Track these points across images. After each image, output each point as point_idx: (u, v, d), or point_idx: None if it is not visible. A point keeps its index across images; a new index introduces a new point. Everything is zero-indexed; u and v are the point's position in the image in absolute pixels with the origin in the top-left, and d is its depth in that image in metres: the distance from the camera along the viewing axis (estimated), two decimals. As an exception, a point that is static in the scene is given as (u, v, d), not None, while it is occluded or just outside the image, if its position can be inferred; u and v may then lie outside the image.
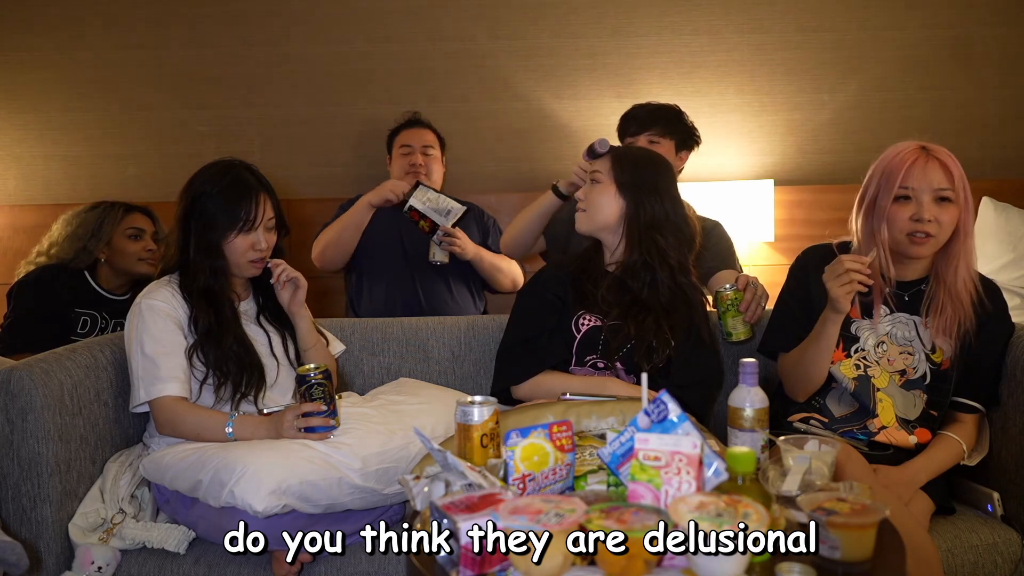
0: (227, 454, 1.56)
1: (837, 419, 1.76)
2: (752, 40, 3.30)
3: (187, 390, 1.71)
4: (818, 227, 3.16)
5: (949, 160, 1.64)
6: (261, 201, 1.77)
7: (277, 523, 1.54)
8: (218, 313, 1.75)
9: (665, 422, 1.13)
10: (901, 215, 1.64)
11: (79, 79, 3.23)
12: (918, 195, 1.63)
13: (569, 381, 1.81)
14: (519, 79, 3.29)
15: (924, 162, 1.63)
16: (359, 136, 3.25)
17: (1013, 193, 3.30)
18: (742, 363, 1.29)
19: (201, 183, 1.77)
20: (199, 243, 1.76)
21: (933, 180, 1.62)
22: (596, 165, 1.88)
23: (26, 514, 1.61)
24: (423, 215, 2.46)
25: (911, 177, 1.63)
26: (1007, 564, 1.66)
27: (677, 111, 2.39)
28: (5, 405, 1.60)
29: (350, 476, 1.58)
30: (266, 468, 1.51)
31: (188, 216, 1.77)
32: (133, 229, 2.52)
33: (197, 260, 1.76)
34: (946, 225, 1.63)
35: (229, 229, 1.75)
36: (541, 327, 1.86)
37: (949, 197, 1.62)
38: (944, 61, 3.34)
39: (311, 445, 1.60)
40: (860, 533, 1.05)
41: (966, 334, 1.70)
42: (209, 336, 1.73)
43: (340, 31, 3.22)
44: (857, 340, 1.75)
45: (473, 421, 1.27)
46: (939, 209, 1.63)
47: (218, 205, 1.75)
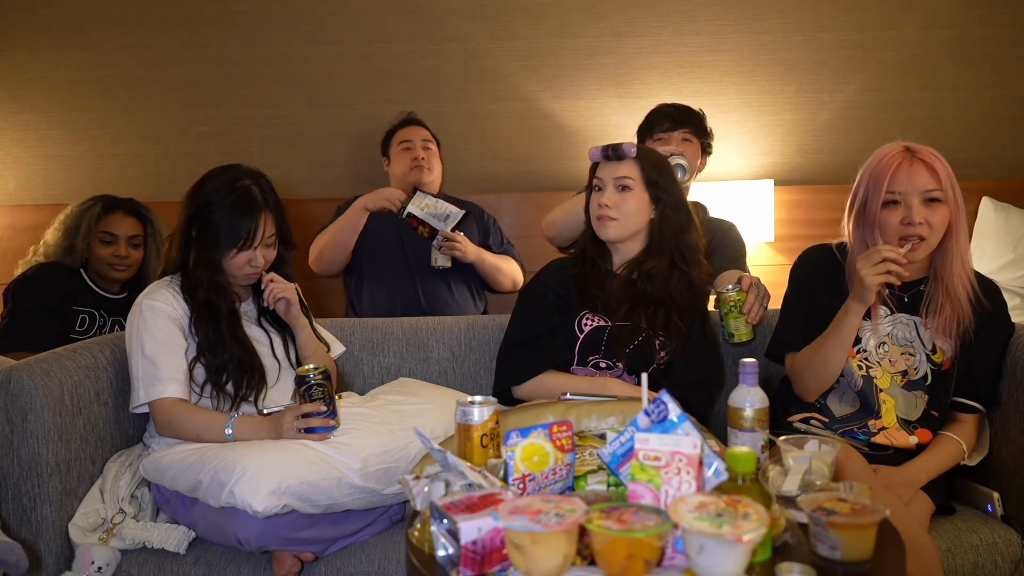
0: (227, 454, 1.56)
1: (838, 419, 1.76)
2: (752, 40, 3.30)
3: (187, 391, 1.71)
4: (818, 227, 3.16)
5: (934, 160, 1.62)
6: (262, 221, 1.77)
7: (277, 523, 1.54)
8: (219, 319, 1.76)
9: (665, 422, 1.13)
10: (891, 220, 1.63)
11: (79, 79, 3.23)
12: (906, 199, 1.61)
13: (570, 381, 1.81)
14: (519, 79, 3.29)
15: (909, 164, 1.61)
16: (358, 136, 3.25)
17: (1013, 193, 3.31)
18: (742, 363, 1.29)
19: (209, 192, 1.77)
20: (199, 256, 1.77)
21: (919, 182, 1.60)
22: (623, 170, 1.80)
23: (26, 514, 1.61)
24: (422, 221, 2.45)
25: (897, 181, 1.61)
26: (1007, 564, 1.65)
27: (703, 115, 2.41)
28: (5, 405, 1.60)
29: (350, 476, 1.58)
30: (266, 468, 1.51)
31: (191, 222, 1.78)
32: (105, 233, 2.47)
33: (197, 272, 1.76)
34: (937, 226, 1.62)
35: (230, 246, 1.76)
36: (542, 327, 1.85)
37: (938, 197, 1.61)
38: (944, 61, 3.34)
39: (311, 445, 1.60)
40: (860, 533, 1.05)
41: (965, 333, 1.70)
42: (211, 341, 1.74)
43: (340, 31, 3.22)
44: (859, 341, 1.74)
45: (473, 421, 1.27)
46: (928, 211, 1.61)
47: (222, 218, 1.75)
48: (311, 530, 1.59)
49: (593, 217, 1.84)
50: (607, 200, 1.80)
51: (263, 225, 1.78)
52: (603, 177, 1.82)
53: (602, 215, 1.81)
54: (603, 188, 1.81)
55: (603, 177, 1.82)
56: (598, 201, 1.82)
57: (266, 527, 1.52)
